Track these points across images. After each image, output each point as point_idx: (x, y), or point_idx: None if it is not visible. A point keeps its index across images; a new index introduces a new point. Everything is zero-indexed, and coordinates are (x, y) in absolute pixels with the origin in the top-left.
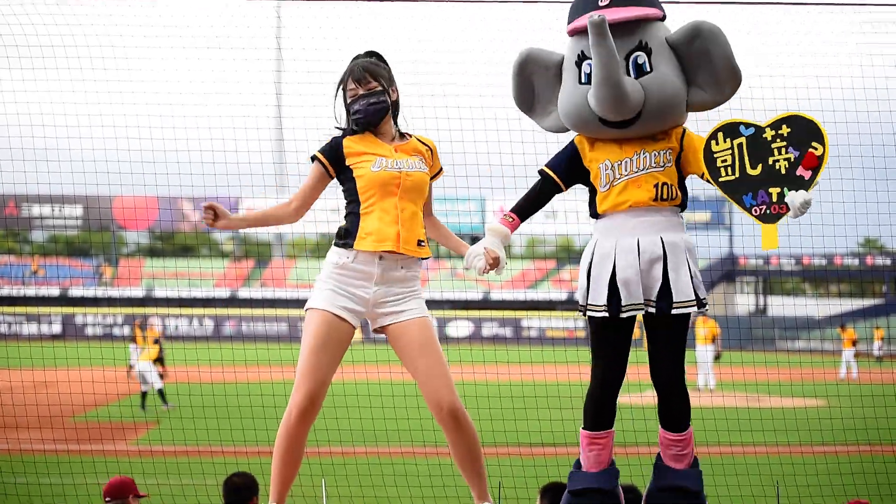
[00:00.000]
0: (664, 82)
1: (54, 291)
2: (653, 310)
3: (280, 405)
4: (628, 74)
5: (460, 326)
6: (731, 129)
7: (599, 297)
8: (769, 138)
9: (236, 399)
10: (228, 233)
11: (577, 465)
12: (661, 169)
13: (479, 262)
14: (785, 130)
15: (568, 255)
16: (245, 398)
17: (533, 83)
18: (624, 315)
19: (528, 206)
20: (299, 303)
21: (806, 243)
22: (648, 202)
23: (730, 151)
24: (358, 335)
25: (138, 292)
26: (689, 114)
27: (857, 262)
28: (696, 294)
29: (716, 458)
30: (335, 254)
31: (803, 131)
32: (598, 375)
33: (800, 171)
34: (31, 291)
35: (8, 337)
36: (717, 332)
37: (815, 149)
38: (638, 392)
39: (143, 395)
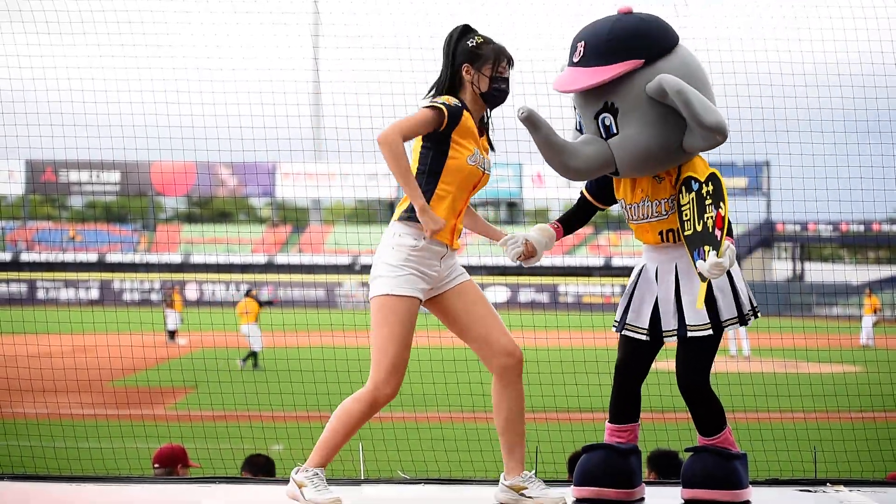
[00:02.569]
0: (628, 144)
1: (92, 257)
2: (672, 338)
3: (318, 369)
4: (600, 133)
5: (497, 292)
6: (687, 182)
7: (639, 320)
8: (704, 194)
9: (273, 363)
10: (266, 198)
11: None
12: (665, 217)
13: (515, 248)
14: (709, 188)
15: (606, 220)
16: (283, 362)
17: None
18: (624, 333)
19: (571, 219)
20: (336, 269)
21: (844, 209)
22: (657, 244)
23: (688, 206)
24: None
25: (176, 258)
26: None
27: (894, 228)
28: (713, 318)
29: (753, 423)
30: (410, 235)
31: (719, 190)
32: (618, 379)
33: (716, 230)
34: (69, 257)
35: (46, 302)
36: None
37: (721, 209)
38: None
39: (254, 354)
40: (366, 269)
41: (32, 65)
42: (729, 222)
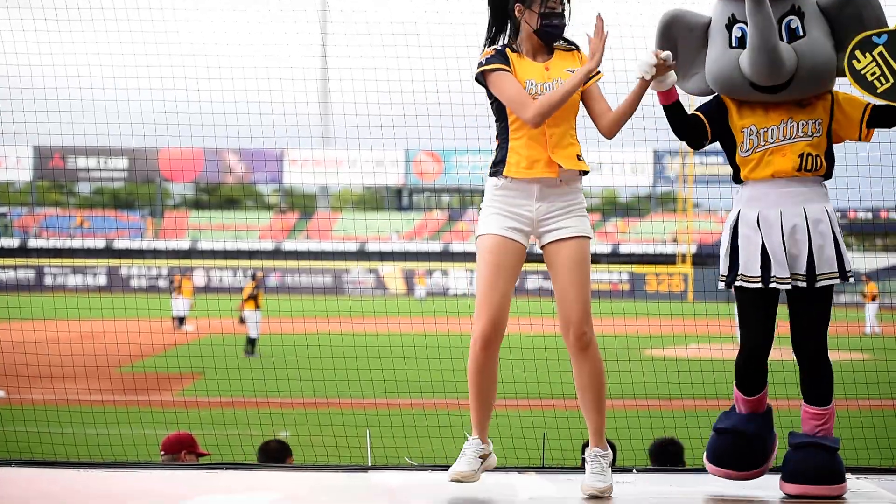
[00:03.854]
0: (816, 48)
1: (100, 243)
2: (802, 283)
3: (325, 356)
4: (781, 39)
5: None
6: (865, 44)
7: (752, 268)
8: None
9: (281, 350)
10: (274, 185)
11: (733, 407)
12: (809, 139)
13: (649, 60)
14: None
15: (614, 207)
16: (290, 349)
17: (677, 45)
18: (773, 286)
19: (682, 108)
20: (344, 255)
21: (853, 196)
22: (792, 172)
23: (874, 63)
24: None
25: (184, 244)
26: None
27: None
28: (839, 265)
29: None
30: (493, 181)
31: None
32: (745, 344)
33: None
34: (76, 243)
35: (54, 288)
36: None
37: None
38: (684, 345)
39: (252, 341)
40: (373, 255)
41: (40, 51)
42: None
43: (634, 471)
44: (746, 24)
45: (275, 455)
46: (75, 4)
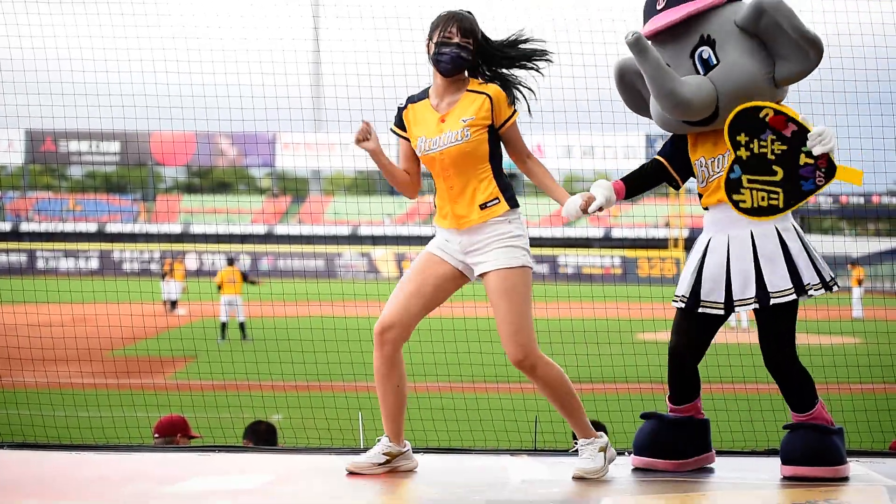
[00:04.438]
0: (733, 72)
1: (92, 227)
2: (755, 306)
3: (317, 339)
4: (697, 72)
5: None
6: (731, 186)
7: (682, 289)
8: (749, 154)
9: (273, 333)
10: (266, 169)
11: None
12: None
13: (573, 204)
14: (743, 138)
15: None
16: (282, 332)
17: (637, 89)
18: (701, 310)
19: (636, 180)
20: (336, 239)
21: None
22: None
23: (751, 192)
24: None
25: (175, 228)
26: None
27: (895, 200)
28: (794, 281)
29: (752, 394)
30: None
31: (747, 123)
32: (671, 352)
33: (787, 131)
34: (68, 227)
35: (46, 272)
36: None
37: (768, 113)
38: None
39: (224, 326)
40: (365, 239)
41: (32, 34)
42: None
43: (626, 453)
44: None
45: (265, 436)
46: None
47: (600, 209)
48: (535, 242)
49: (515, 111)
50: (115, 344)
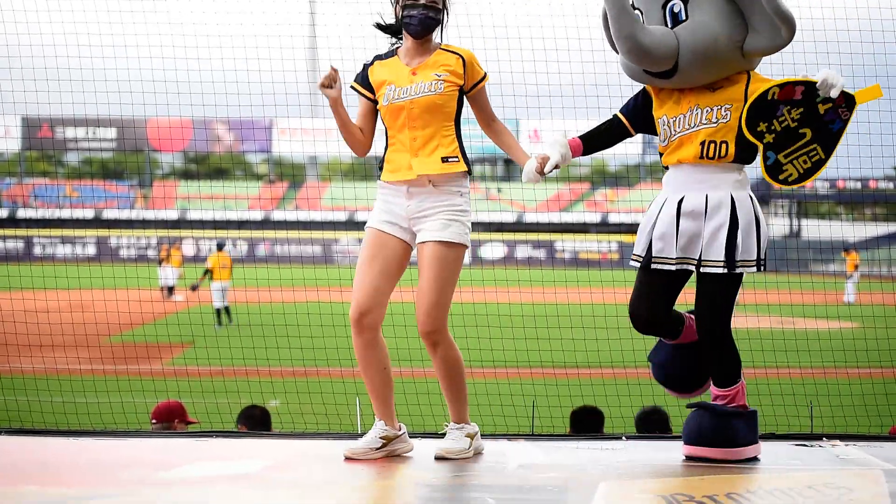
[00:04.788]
0: (698, 31)
1: (89, 213)
2: (690, 267)
3: (314, 324)
4: (665, 24)
5: (494, 248)
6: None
7: (639, 247)
8: (775, 132)
9: (271, 318)
10: (263, 154)
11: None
12: (714, 125)
13: (529, 168)
14: (763, 126)
15: (602, 177)
16: (280, 317)
17: None
18: (654, 266)
19: (594, 138)
20: (333, 224)
21: (841, 165)
22: (694, 160)
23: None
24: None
25: (172, 214)
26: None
27: (891, 185)
28: (728, 255)
29: (749, 379)
30: (378, 181)
31: (764, 108)
32: (637, 317)
33: (798, 94)
34: (65, 213)
35: (43, 258)
36: None
37: (774, 93)
38: None
39: (218, 312)
40: (362, 225)
41: (28, 20)
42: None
43: (624, 438)
44: (639, 10)
45: (260, 421)
46: None
47: (556, 167)
48: (533, 228)
49: (486, 74)
50: (112, 330)
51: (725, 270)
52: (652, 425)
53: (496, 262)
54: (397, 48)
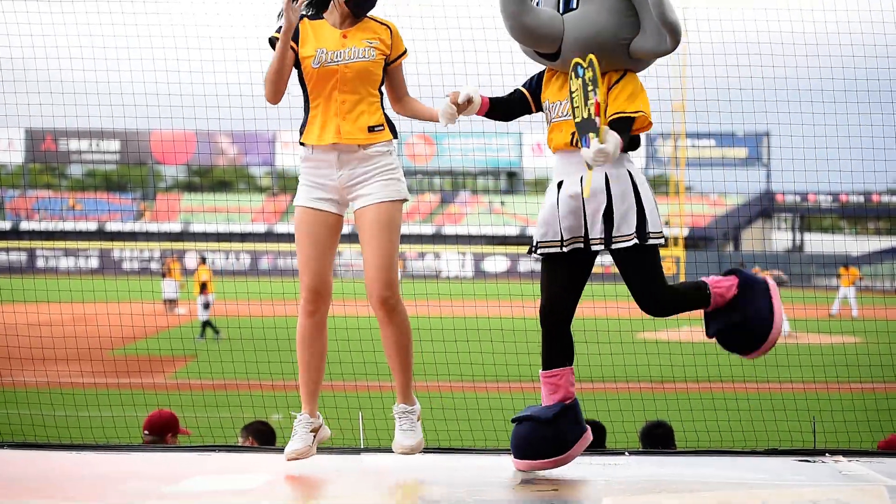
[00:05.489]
0: (585, 20)
1: (92, 226)
2: (600, 247)
3: None
4: (558, 9)
5: (497, 262)
6: (575, 68)
7: (547, 235)
8: (587, 80)
9: (274, 332)
10: (266, 167)
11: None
12: None
13: (443, 105)
14: (590, 73)
15: None
16: (283, 331)
17: None
18: (541, 251)
19: (500, 104)
20: None
21: (844, 179)
22: (567, 146)
23: (577, 92)
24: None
25: (175, 227)
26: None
27: (894, 199)
28: (639, 226)
29: (752, 394)
30: (300, 151)
31: (595, 76)
32: (541, 310)
33: (595, 117)
34: (68, 226)
35: (46, 271)
36: None
37: (597, 95)
38: (676, 328)
39: (208, 323)
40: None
41: (32, 32)
42: (627, 115)
43: (626, 453)
44: None
45: (266, 435)
46: None
47: (469, 101)
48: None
49: (407, 50)
50: (115, 343)
51: (637, 243)
52: (656, 440)
53: (499, 275)
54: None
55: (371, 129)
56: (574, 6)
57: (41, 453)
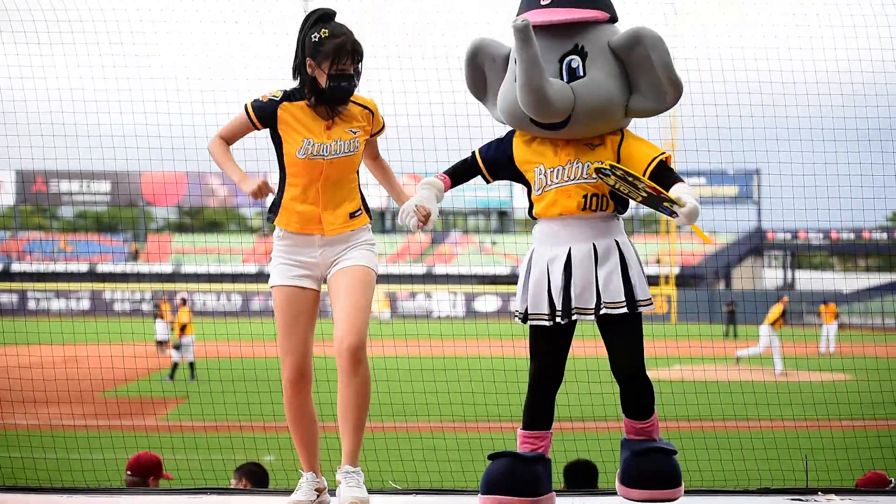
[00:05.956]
0: (594, 88)
1: (83, 267)
2: (589, 317)
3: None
4: (561, 78)
5: (488, 301)
6: (602, 171)
7: (540, 306)
8: (621, 175)
9: (266, 373)
10: (257, 207)
11: None
12: (594, 180)
13: (411, 220)
14: (619, 172)
15: None
16: (274, 372)
17: (484, 73)
18: (557, 320)
19: (458, 177)
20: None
21: (834, 217)
22: (577, 211)
23: (619, 184)
24: (388, 314)
25: (167, 268)
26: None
27: (885, 236)
28: (627, 295)
29: (744, 432)
30: (276, 231)
31: (624, 172)
32: (533, 376)
33: (660, 193)
34: (59, 267)
35: (37, 313)
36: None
37: (643, 181)
38: (667, 367)
39: (192, 364)
40: None
41: (22, 74)
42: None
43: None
44: None
45: (259, 477)
46: (57, 29)
47: (428, 215)
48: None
49: (385, 125)
50: (106, 385)
51: (626, 310)
52: (579, 478)
53: (490, 314)
54: (296, 90)
55: (352, 215)
56: (581, 74)
57: (33, 496)
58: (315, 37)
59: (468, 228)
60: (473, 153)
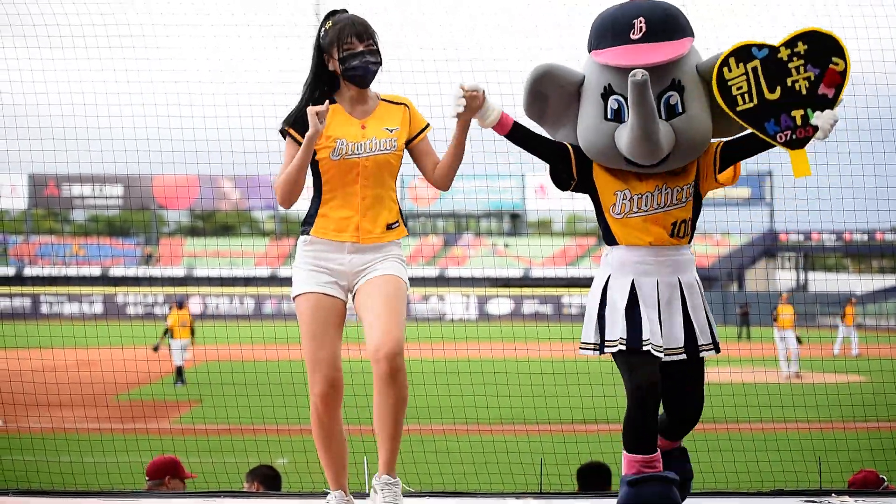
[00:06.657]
0: (694, 123)
1: (95, 271)
2: (681, 356)
3: None
4: (660, 116)
5: (501, 304)
6: (742, 53)
7: (616, 331)
8: (785, 58)
9: (278, 377)
10: (269, 211)
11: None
12: (682, 205)
13: (458, 106)
14: (801, 48)
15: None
16: (287, 376)
17: (547, 96)
18: (648, 349)
19: (529, 135)
20: None
21: (848, 218)
22: (667, 240)
23: (744, 77)
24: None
25: (179, 272)
26: None
27: None
28: (712, 336)
29: (758, 434)
30: (303, 239)
31: (821, 47)
32: (640, 385)
33: (822, 89)
34: (72, 271)
35: (50, 316)
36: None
37: (836, 64)
38: None
39: (180, 370)
40: None
41: (34, 79)
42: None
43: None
44: (624, 97)
45: (272, 480)
46: (69, 32)
47: (475, 93)
48: (540, 283)
49: (429, 124)
50: (119, 389)
51: (715, 352)
52: (592, 480)
53: (503, 317)
54: (331, 97)
55: (389, 226)
56: (680, 111)
57: (46, 500)
58: (321, 33)
59: (481, 231)
60: (566, 145)
